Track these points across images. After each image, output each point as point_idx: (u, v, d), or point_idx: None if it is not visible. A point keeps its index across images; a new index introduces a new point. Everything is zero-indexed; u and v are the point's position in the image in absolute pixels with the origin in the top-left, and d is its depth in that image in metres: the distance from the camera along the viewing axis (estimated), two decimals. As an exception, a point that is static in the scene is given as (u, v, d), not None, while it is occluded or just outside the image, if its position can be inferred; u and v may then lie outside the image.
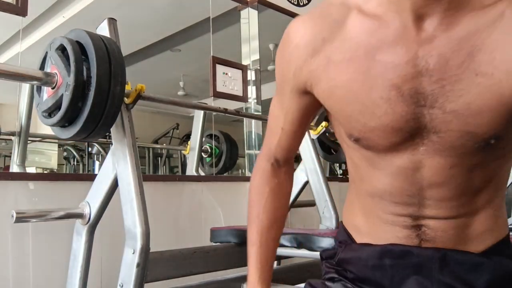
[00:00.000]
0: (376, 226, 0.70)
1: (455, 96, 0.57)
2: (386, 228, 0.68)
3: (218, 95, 2.09)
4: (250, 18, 2.39)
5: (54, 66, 1.07)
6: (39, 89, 1.16)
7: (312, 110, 0.74)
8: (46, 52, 1.12)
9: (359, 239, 0.74)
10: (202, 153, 2.71)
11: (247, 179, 1.84)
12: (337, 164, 3.10)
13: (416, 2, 0.56)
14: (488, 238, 0.67)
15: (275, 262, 1.97)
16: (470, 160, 0.62)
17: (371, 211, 0.70)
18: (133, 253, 1.07)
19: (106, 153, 1.42)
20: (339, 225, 0.79)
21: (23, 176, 1.65)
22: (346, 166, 4.22)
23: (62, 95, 1.03)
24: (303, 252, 1.41)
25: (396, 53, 0.58)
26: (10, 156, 1.87)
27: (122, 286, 1.08)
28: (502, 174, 0.67)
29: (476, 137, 0.59)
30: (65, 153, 3.31)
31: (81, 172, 3.28)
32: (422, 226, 0.65)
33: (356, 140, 0.66)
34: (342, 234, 0.78)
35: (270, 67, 2.77)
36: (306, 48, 0.65)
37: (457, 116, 0.58)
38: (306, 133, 2.01)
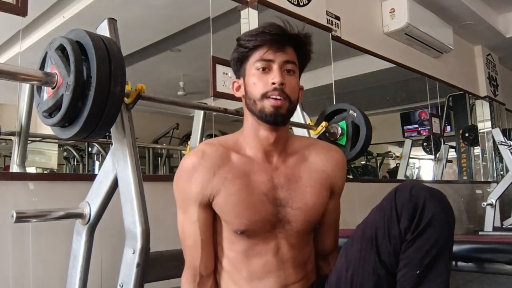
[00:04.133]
0: None
1: (298, 199, 0.99)
2: None
3: (218, 95, 2.09)
4: (250, 18, 2.39)
5: (54, 66, 1.07)
6: (39, 89, 1.16)
7: (211, 221, 1.01)
8: (46, 52, 1.12)
9: None
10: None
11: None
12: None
13: (265, 149, 1.01)
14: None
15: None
16: (304, 240, 1.04)
17: None
18: (133, 253, 1.07)
19: (106, 153, 1.42)
20: None
21: (23, 176, 1.65)
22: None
23: (62, 95, 1.03)
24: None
25: (261, 176, 0.99)
26: (10, 156, 1.87)
27: (122, 286, 1.08)
28: (313, 252, 1.09)
29: (311, 223, 1.02)
30: (65, 153, 3.30)
31: (81, 172, 3.27)
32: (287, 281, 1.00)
33: (241, 233, 0.97)
34: None
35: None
36: (208, 172, 0.97)
37: (301, 211, 0.99)
38: (306, 133, 2.01)
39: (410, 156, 4.51)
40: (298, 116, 2.01)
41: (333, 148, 1.11)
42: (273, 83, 0.94)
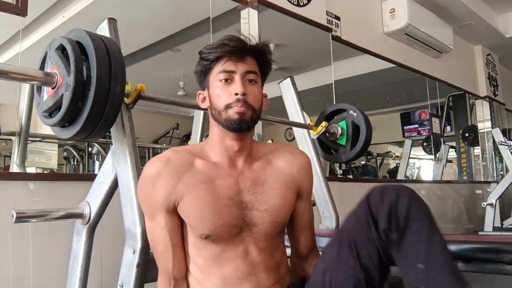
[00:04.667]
0: None
1: (265, 201, 1.01)
2: None
3: (218, 95, 2.08)
4: (250, 18, 2.39)
5: (54, 66, 1.07)
6: (39, 89, 1.16)
7: (179, 226, 1.02)
8: (46, 52, 1.12)
9: None
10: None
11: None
12: (337, 164, 3.10)
13: (230, 156, 1.03)
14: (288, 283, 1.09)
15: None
16: (274, 242, 1.05)
17: None
18: (133, 253, 1.07)
19: (106, 153, 1.42)
20: None
21: (23, 176, 1.65)
22: (346, 166, 4.16)
23: (62, 95, 1.03)
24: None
25: (227, 180, 1.01)
26: (10, 156, 1.87)
27: (122, 286, 1.08)
28: (285, 254, 1.10)
29: (279, 225, 1.03)
30: (65, 153, 3.30)
31: (81, 172, 3.27)
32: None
33: (206, 237, 0.98)
34: None
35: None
36: (173, 178, 0.98)
37: (267, 213, 1.01)
38: (306, 133, 2.01)
39: (410, 156, 4.51)
40: (298, 116, 2.02)
41: (298, 151, 1.15)
42: (236, 94, 0.97)
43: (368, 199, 0.95)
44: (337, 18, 3.05)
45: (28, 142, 1.81)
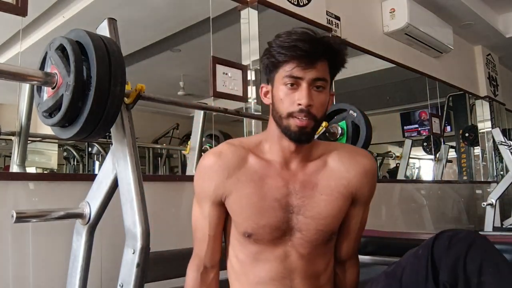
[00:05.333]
0: None
1: (311, 207, 0.97)
2: None
3: (218, 95, 2.08)
4: (250, 18, 2.38)
5: (54, 66, 1.07)
6: (39, 89, 1.16)
7: (223, 218, 1.03)
8: (46, 52, 1.12)
9: None
10: (202, 153, 2.71)
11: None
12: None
13: (285, 156, 0.99)
14: None
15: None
16: (319, 250, 1.00)
17: None
18: (133, 253, 1.07)
19: (106, 153, 1.42)
20: None
21: (23, 176, 1.65)
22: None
23: (62, 95, 1.03)
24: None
25: (277, 181, 0.97)
26: (10, 156, 1.87)
27: (122, 286, 1.08)
28: (331, 263, 1.06)
29: (324, 233, 0.98)
30: (65, 153, 3.30)
31: (81, 172, 3.27)
32: None
33: (249, 236, 0.97)
34: None
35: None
36: (223, 172, 0.98)
37: (313, 220, 0.96)
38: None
39: (410, 156, 4.50)
40: (298, 116, 2.01)
41: (360, 153, 1.06)
42: (299, 104, 0.91)
43: (433, 243, 0.88)
44: (337, 18, 3.05)
45: (28, 142, 1.81)
